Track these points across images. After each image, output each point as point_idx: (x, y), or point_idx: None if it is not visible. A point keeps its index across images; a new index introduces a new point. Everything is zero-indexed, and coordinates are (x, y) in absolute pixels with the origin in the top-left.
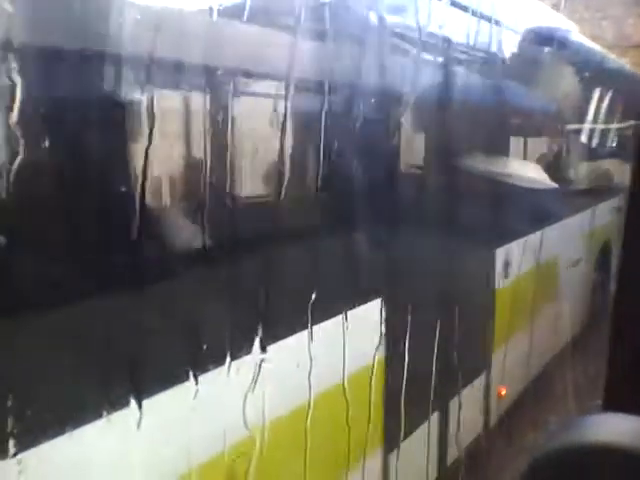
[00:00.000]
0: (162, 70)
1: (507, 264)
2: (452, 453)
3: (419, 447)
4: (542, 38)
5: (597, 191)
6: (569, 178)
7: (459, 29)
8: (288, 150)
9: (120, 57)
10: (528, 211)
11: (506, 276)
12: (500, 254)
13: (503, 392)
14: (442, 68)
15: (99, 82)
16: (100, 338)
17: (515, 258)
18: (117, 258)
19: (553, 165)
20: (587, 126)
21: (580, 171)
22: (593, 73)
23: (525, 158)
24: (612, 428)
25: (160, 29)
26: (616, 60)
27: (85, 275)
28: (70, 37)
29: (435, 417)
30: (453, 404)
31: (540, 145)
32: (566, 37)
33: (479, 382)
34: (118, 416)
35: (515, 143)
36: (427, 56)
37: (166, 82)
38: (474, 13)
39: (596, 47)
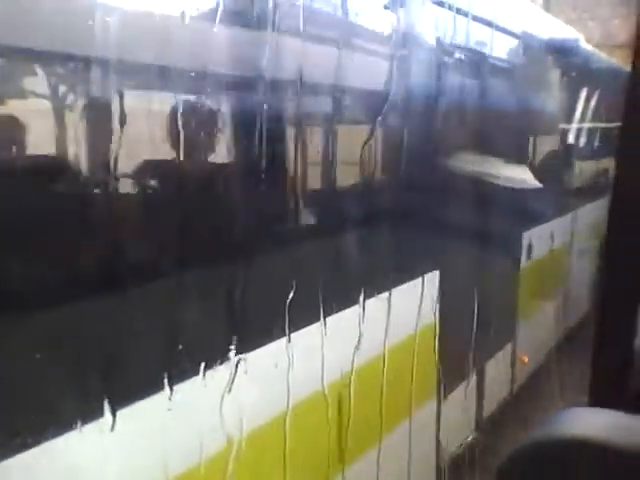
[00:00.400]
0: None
1: (530, 246)
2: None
3: (464, 397)
4: (554, 48)
5: (596, 188)
6: (570, 176)
7: (487, 41)
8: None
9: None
10: (541, 205)
11: (529, 256)
12: (526, 237)
13: (526, 360)
14: (478, 78)
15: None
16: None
17: (536, 242)
18: None
19: (554, 164)
20: (586, 125)
21: (580, 169)
22: (593, 76)
23: (535, 155)
24: (589, 422)
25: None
26: (614, 63)
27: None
28: None
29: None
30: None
31: (548, 143)
32: (575, 46)
33: (507, 348)
34: (92, 427)
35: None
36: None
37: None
38: (497, 28)
39: (600, 53)
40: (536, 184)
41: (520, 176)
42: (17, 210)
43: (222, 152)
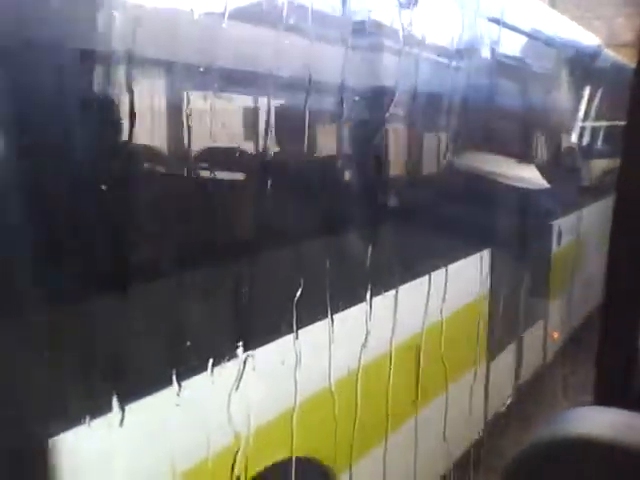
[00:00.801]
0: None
1: (560, 233)
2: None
3: (507, 361)
4: (581, 53)
5: (609, 186)
6: (584, 175)
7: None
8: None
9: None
10: (567, 197)
11: (559, 243)
12: (555, 225)
13: (555, 336)
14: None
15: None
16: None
17: (564, 230)
18: None
19: (569, 162)
20: (601, 124)
21: (594, 168)
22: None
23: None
24: (594, 422)
25: None
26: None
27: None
28: None
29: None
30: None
31: (565, 140)
32: (599, 51)
33: (540, 324)
34: (100, 421)
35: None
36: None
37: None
38: (533, 37)
39: (617, 57)
40: (543, 184)
41: (528, 176)
42: None
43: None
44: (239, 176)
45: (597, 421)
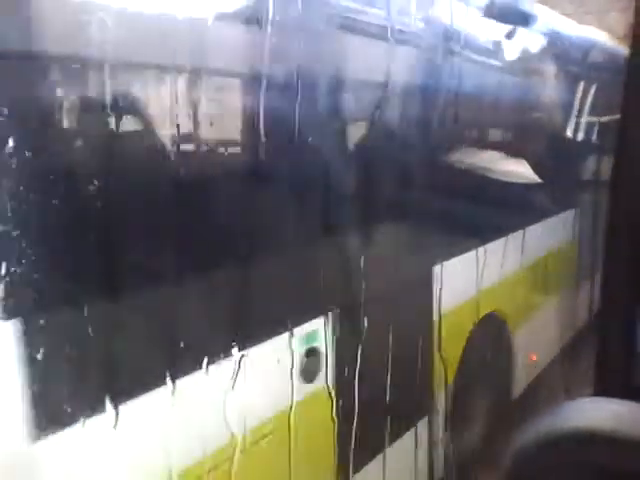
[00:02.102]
0: None
1: None
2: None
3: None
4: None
5: None
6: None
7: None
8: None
9: None
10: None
11: None
12: None
13: None
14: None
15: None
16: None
17: None
18: None
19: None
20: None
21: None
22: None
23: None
24: (595, 413)
25: None
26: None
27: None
28: None
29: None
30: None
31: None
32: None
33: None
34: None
35: None
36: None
37: None
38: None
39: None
40: (535, 178)
41: (519, 170)
42: None
43: None
44: None
45: (598, 412)
